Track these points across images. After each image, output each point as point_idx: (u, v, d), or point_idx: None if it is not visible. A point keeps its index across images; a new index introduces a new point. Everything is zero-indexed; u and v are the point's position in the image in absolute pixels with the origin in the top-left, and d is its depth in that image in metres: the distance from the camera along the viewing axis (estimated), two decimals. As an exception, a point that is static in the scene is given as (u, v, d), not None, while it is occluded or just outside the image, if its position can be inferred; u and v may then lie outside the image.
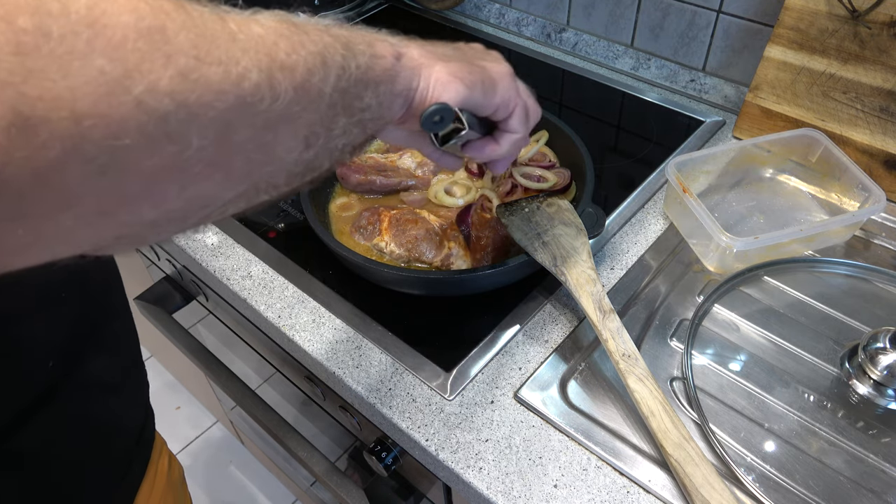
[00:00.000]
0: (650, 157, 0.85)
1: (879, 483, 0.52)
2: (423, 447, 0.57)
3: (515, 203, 0.69)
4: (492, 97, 0.44)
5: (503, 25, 1.16)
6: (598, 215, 0.66)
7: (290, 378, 0.90)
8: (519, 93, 0.47)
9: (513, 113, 0.46)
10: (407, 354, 0.63)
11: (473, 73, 0.42)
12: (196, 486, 1.60)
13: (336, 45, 0.32)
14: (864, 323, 0.63)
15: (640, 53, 1.00)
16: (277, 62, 0.28)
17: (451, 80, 0.40)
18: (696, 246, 0.71)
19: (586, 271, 0.61)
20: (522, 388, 0.60)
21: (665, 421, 0.52)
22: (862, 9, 0.70)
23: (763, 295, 0.67)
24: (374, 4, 1.25)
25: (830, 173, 0.75)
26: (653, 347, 0.62)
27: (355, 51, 0.33)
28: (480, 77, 0.42)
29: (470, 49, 0.48)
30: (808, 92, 0.77)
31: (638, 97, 0.97)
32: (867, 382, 0.58)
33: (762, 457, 0.54)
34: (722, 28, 0.89)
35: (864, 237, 0.72)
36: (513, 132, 0.48)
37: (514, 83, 0.46)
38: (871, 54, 0.71)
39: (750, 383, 0.59)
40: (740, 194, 0.78)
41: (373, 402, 0.60)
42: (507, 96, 0.45)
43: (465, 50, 0.47)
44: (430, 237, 0.67)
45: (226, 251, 0.75)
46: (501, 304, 0.67)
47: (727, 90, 0.93)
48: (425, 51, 0.41)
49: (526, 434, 0.57)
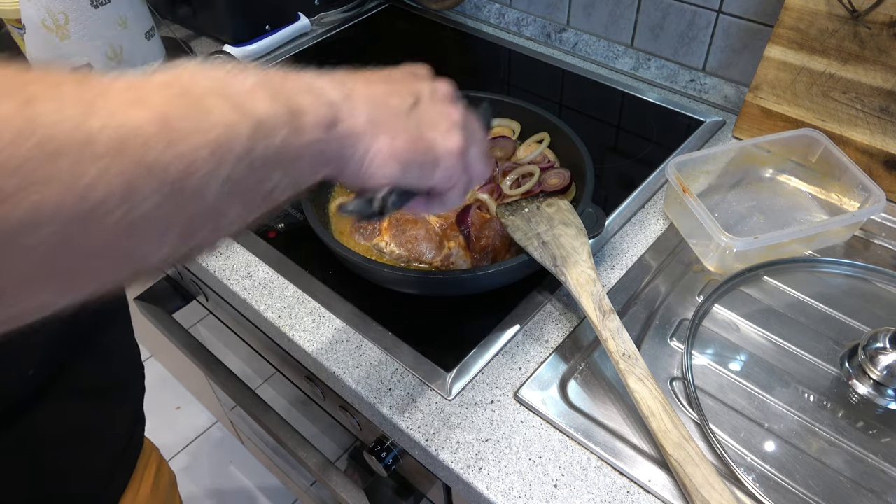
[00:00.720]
0: (650, 157, 0.85)
1: (879, 483, 0.52)
2: (423, 447, 0.57)
3: (515, 203, 0.69)
4: (428, 178, 0.40)
5: (503, 25, 1.16)
6: (598, 215, 0.66)
7: (290, 378, 0.90)
8: (465, 169, 0.42)
9: (451, 188, 0.43)
10: (407, 354, 0.63)
11: (416, 152, 0.38)
12: (196, 486, 1.60)
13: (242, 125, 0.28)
14: (864, 323, 0.63)
15: (640, 53, 1.00)
16: (145, 164, 0.24)
17: (390, 159, 0.37)
18: (696, 246, 0.71)
19: (586, 271, 0.61)
20: (522, 388, 0.60)
21: (665, 421, 0.52)
22: (862, 9, 0.70)
23: (763, 295, 0.67)
24: (374, 4, 1.25)
25: (830, 173, 0.75)
26: (653, 347, 0.62)
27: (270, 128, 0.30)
28: (423, 157, 0.39)
29: (432, 106, 0.41)
30: (808, 92, 0.77)
31: (638, 97, 0.97)
32: (867, 382, 0.58)
33: (762, 457, 0.54)
34: (722, 28, 0.89)
35: (864, 237, 0.72)
36: (446, 202, 0.44)
37: (459, 162, 0.41)
38: (871, 54, 0.71)
39: (750, 383, 0.59)
40: (740, 194, 0.78)
41: (373, 402, 0.60)
42: (446, 176, 0.41)
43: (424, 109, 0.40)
44: (430, 237, 0.67)
45: (226, 251, 0.75)
46: (501, 304, 0.67)
47: (727, 90, 0.93)
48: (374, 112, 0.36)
49: (526, 434, 0.57)
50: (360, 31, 1.19)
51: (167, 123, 0.25)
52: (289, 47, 1.14)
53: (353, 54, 1.13)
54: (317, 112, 0.33)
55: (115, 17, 0.94)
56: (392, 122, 0.37)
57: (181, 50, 1.10)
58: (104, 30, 0.94)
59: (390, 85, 0.40)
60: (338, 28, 1.19)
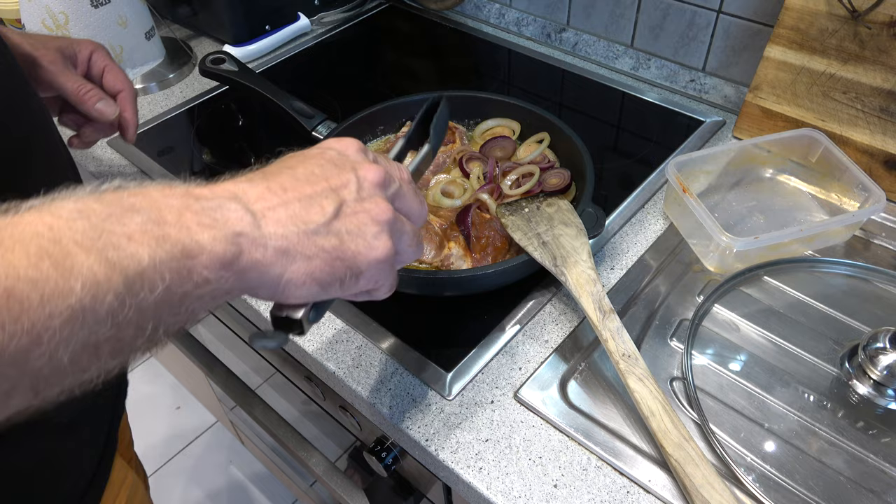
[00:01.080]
0: (650, 157, 0.85)
1: (879, 483, 0.52)
2: (423, 447, 0.57)
3: (515, 203, 0.69)
4: (351, 289, 0.38)
5: (503, 25, 1.16)
6: (598, 215, 0.66)
7: (290, 378, 0.90)
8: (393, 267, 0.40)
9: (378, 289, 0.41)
10: (407, 354, 0.63)
11: (336, 271, 0.36)
12: (196, 486, 1.60)
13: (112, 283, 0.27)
14: (864, 323, 0.63)
15: (640, 53, 1.00)
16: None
17: (306, 282, 0.35)
18: (696, 246, 0.71)
19: (586, 271, 0.61)
20: (522, 388, 0.60)
21: (665, 421, 0.52)
22: (862, 9, 0.70)
23: (763, 295, 0.67)
24: (374, 4, 1.25)
25: (830, 173, 0.75)
26: (653, 347, 0.62)
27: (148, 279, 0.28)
28: (343, 273, 0.37)
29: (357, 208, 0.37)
30: (808, 92, 0.77)
31: (638, 97, 0.97)
32: (867, 382, 0.58)
33: (762, 457, 0.54)
34: (722, 28, 0.89)
35: (864, 237, 0.72)
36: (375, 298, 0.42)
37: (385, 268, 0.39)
38: (871, 54, 0.71)
39: (750, 383, 0.59)
40: (740, 194, 0.78)
41: (373, 402, 0.60)
42: (370, 283, 0.39)
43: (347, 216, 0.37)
44: (430, 237, 0.67)
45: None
46: (501, 304, 0.67)
47: (727, 90, 0.93)
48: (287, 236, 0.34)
49: (526, 434, 0.57)
50: (360, 31, 1.19)
51: (11, 297, 0.24)
52: (289, 47, 1.14)
53: (353, 54, 1.13)
54: (213, 250, 0.31)
55: (115, 17, 0.94)
56: (308, 244, 0.35)
57: (181, 50, 1.11)
58: (104, 30, 0.94)
59: (311, 187, 0.36)
60: (338, 28, 1.19)
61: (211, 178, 0.36)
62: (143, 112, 0.98)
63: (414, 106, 0.83)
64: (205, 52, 1.04)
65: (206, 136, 0.94)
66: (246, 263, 0.32)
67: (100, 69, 0.71)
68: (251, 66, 1.04)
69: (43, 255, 0.25)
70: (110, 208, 0.29)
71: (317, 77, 1.08)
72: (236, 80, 0.85)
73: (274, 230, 0.34)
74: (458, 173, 0.77)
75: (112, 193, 0.30)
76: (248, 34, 1.09)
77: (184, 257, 0.30)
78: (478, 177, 0.76)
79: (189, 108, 0.99)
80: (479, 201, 0.72)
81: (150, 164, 0.87)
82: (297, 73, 1.08)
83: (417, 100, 0.83)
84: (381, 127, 0.83)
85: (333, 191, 0.37)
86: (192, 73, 1.07)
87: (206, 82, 1.04)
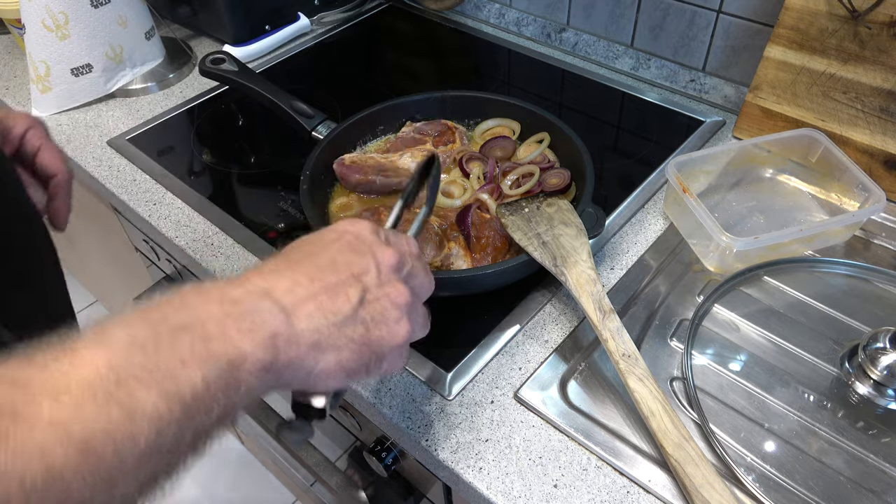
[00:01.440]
0: (650, 157, 0.85)
1: (879, 483, 0.52)
2: (423, 447, 0.57)
3: (515, 203, 0.69)
4: (374, 373, 0.40)
5: (503, 25, 1.16)
6: (598, 215, 0.66)
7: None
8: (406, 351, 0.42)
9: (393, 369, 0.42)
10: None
11: (363, 359, 0.38)
12: (196, 486, 1.60)
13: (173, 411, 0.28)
14: (864, 323, 0.63)
15: (640, 53, 1.00)
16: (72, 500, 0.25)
17: (336, 373, 0.37)
18: (696, 246, 0.71)
19: (586, 271, 0.61)
20: (522, 388, 0.60)
21: (665, 421, 0.52)
22: (862, 9, 0.70)
23: (763, 295, 0.67)
24: (374, 4, 1.25)
25: (830, 173, 0.75)
26: (653, 347, 0.62)
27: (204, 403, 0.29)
28: (368, 359, 0.38)
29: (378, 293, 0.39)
30: (808, 92, 0.77)
31: (638, 97, 0.97)
32: (867, 382, 0.58)
33: (762, 457, 0.54)
34: (722, 28, 0.89)
35: (864, 237, 0.72)
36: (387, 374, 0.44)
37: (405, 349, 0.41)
38: (871, 54, 0.71)
39: (750, 383, 0.59)
40: (740, 194, 0.78)
41: (373, 402, 0.60)
42: (391, 368, 0.41)
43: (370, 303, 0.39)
44: (430, 237, 0.67)
45: (226, 251, 0.75)
46: (501, 304, 0.67)
47: (727, 90, 0.93)
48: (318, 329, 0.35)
49: (526, 434, 0.57)
50: (360, 31, 1.19)
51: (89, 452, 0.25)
52: (289, 47, 1.14)
53: (353, 54, 1.13)
54: (255, 355, 0.32)
55: (115, 17, 0.94)
56: (337, 335, 0.37)
57: (181, 50, 1.11)
58: (104, 30, 0.94)
59: (335, 275, 0.38)
60: (338, 28, 1.19)
61: (211, 177, 0.36)
62: (144, 112, 0.99)
63: (414, 106, 0.84)
64: (205, 52, 1.04)
65: (205, 136, 0.94)
66: (283, 362, 0.34)
67: (34, 148, 0.61)
68: (251, 66, 1.04)
69: (110, 400, 0.26)
70: (158, 330, 0.30)
71: (317, 77, 1.08)
72: (236, 80, 0.85)
73: (306, 325, 0.35)
74: (458, 173, 0.77)
75: (156, 312, 0.31)
76: (247, 34, 1.09)
77: (231, 368, 0.31)
78: (478, 177, 0.76)
79: (189, 108, 0.99)
80: (479, 201, 0.72)
81: (150, 164, 0.87)
82: (297, 73, 1.08)
83: (417, 100, 0.83)
84: (381, 127, 0.83)
85: (356, 278, 0.39)
86: (192, 73, 1.07)
87: (205, 82, 1.04)
